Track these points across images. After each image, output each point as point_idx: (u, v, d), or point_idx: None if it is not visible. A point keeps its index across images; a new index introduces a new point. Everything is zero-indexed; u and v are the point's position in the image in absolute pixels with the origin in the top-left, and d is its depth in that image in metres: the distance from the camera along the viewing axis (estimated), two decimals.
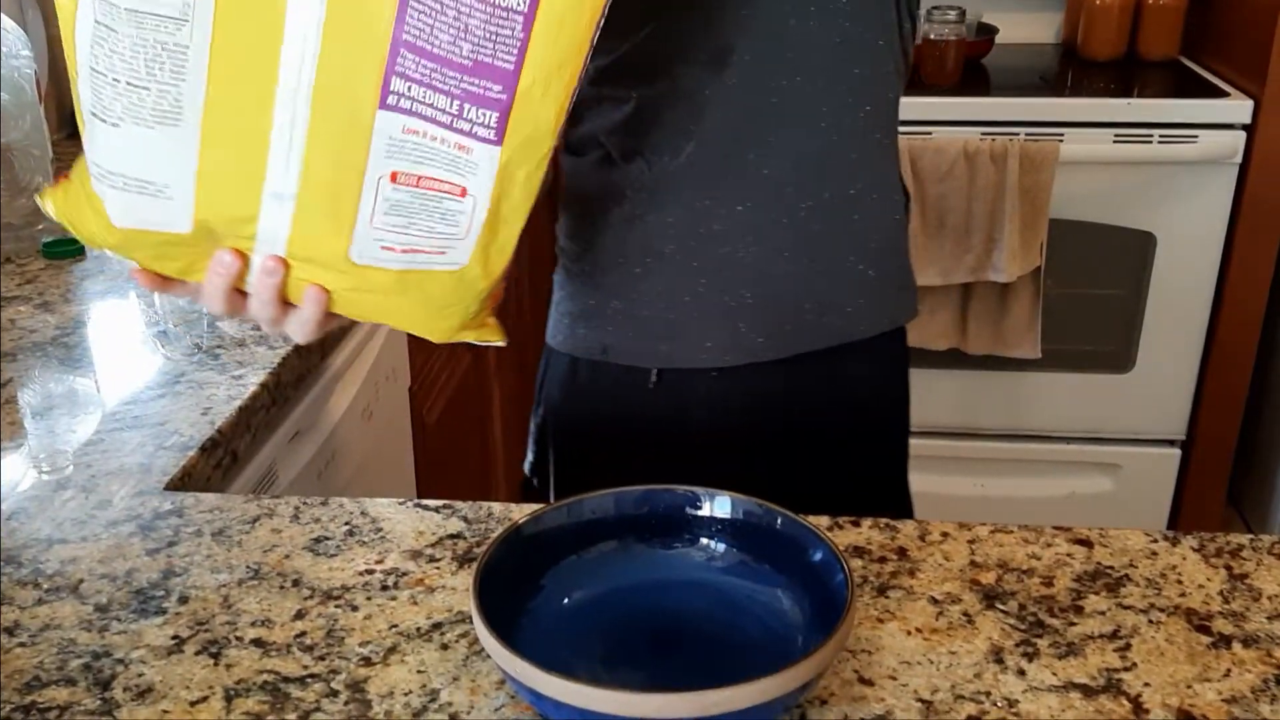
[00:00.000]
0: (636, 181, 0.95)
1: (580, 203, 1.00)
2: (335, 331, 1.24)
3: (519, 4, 0.64)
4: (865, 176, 0.97)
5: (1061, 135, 2.01)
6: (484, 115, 0.66)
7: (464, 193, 0.68)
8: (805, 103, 0.92)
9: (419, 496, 1.18)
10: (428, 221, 0.69)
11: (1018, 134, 2.01)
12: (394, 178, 0.68)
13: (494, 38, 0.64)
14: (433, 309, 0.74)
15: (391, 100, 0.66)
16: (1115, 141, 2.01)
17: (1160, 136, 2.01)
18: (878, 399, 1.06)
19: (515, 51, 0.65)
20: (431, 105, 0.66)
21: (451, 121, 0.66)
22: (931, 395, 2.23)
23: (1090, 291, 2.16)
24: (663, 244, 0.95)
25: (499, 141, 0.67)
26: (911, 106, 2.05)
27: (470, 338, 0.76)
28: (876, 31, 0.93)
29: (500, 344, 0.76)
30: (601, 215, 0.98)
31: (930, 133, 2.01)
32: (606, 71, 0.92)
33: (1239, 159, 2.02)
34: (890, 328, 1.03)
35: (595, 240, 0.99)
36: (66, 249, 1.34)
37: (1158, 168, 2.03)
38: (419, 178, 0.68)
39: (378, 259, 0.70)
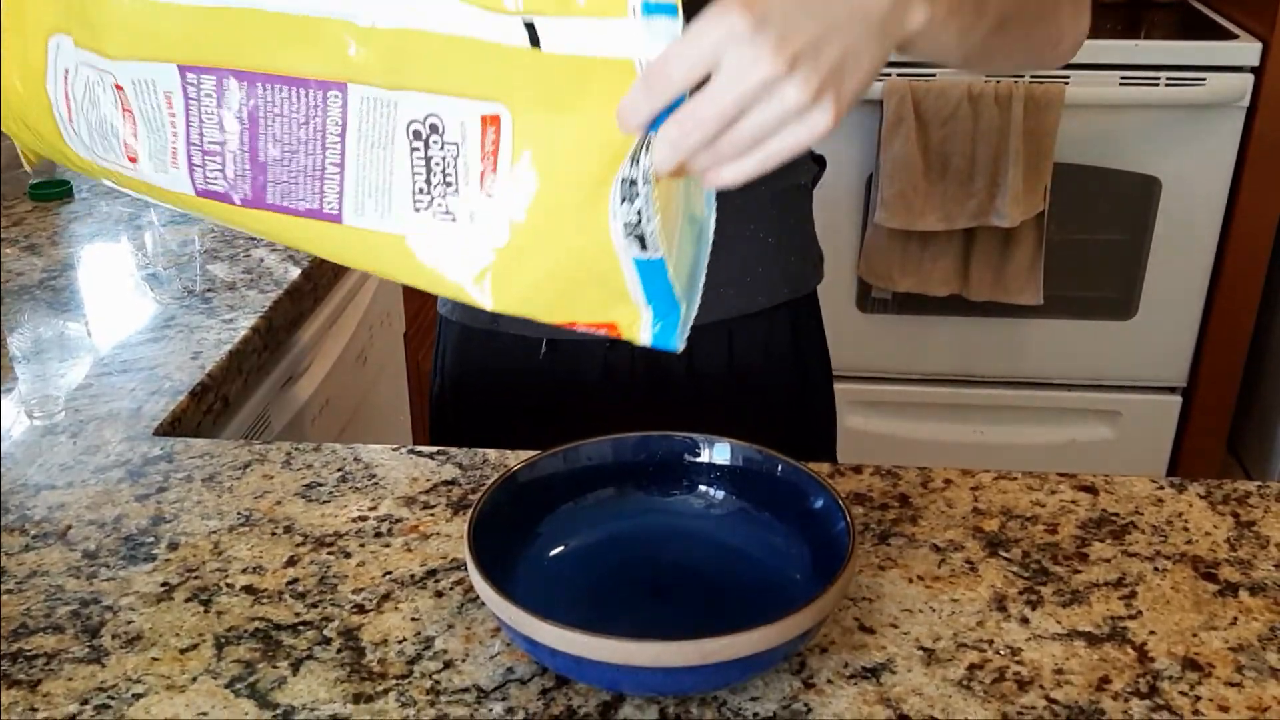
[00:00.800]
0: None
1: None
2: (329, 274, 1.22)
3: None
4: None
5: (1067, 78, 1.97)
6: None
7: None
8: None
9: (415, 443, 1.17)
10: None
11: (1023, 76, 1.97)
12: None
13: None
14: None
15: None
16: (1121, 84, 1.98)
17: (1167, 79, 1.97)
18: (781, 369, 1.00)
19: None
20: None
21: None
22: (932, 342, 2.21)
23: (1093, 237, 2.14)
24: None
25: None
26: None
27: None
28: None
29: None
30: None
31: (934, 74, 1.98)
32: None
33: (1246, 102, 1.99)
34: (790, 297, 0.98)
35: None
36: (53, 190, 1.31)
37: (1164, 111, 2.00)
38: None
39: None
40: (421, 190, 0.58)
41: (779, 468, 0.69)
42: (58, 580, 0.70)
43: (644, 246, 0.54)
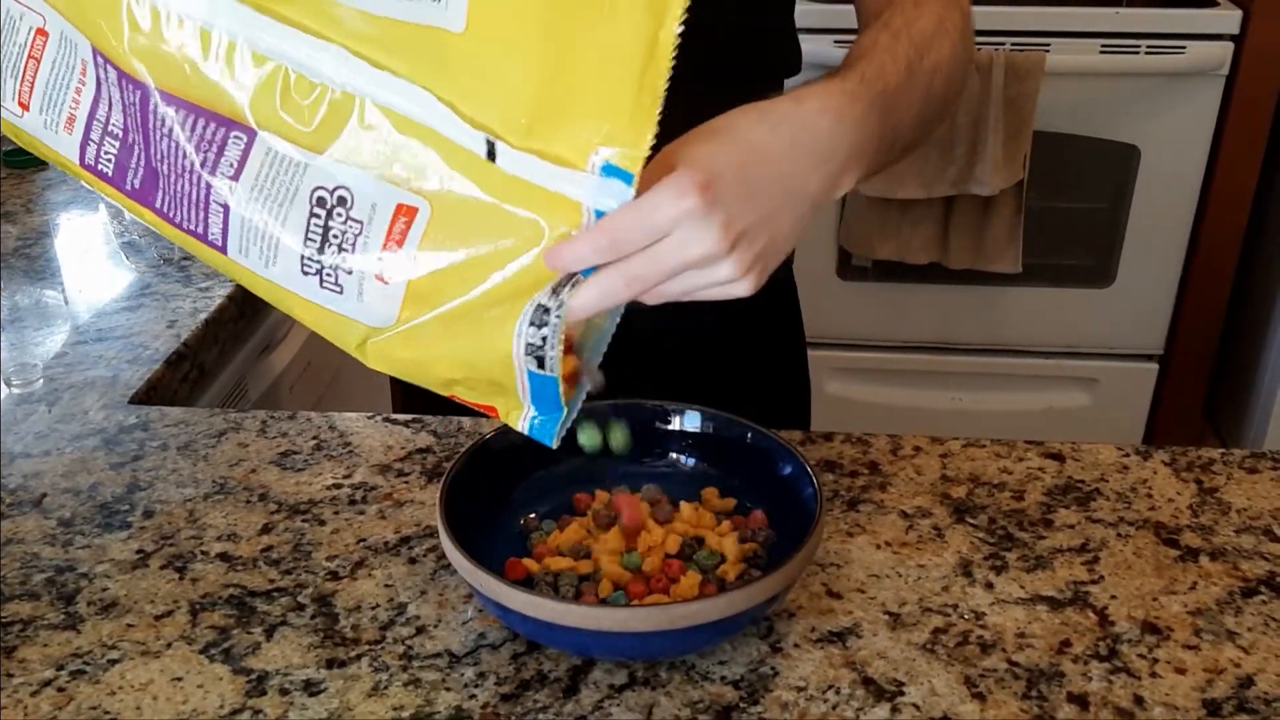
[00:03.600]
0: None
1: None
2: None
3: None
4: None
5: (1048, 45, 1.97)
6: None
7: None
8: None
9: (394, 411, 1.17)
10: None
11: (1003, 44, 1.97)
12: None
13: None
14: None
15: None
16: (1102, 52, 1.98)
17: (1148, 47, 1.97)
18: (744, 354, 1.00)
19: None
20: None
21: None
22: (911, 309, 2.22)
23: (1072, 205, 2.14)
24: None
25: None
26: None
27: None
28: None
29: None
30: None
31: None
32: None
33: (1226, 71, 1.99)
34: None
35: None
36: (29, 158, 1.31)
37: (1144, 79, 2.01)
38: None
39: None
40: (310, 258, 0.57)
41: (748, 435, 0.70)
42: (33, 548, 0.70)
43: (541, 366, 0.55)
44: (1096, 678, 0.60)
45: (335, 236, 0.56)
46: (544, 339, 0.54)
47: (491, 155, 0.54)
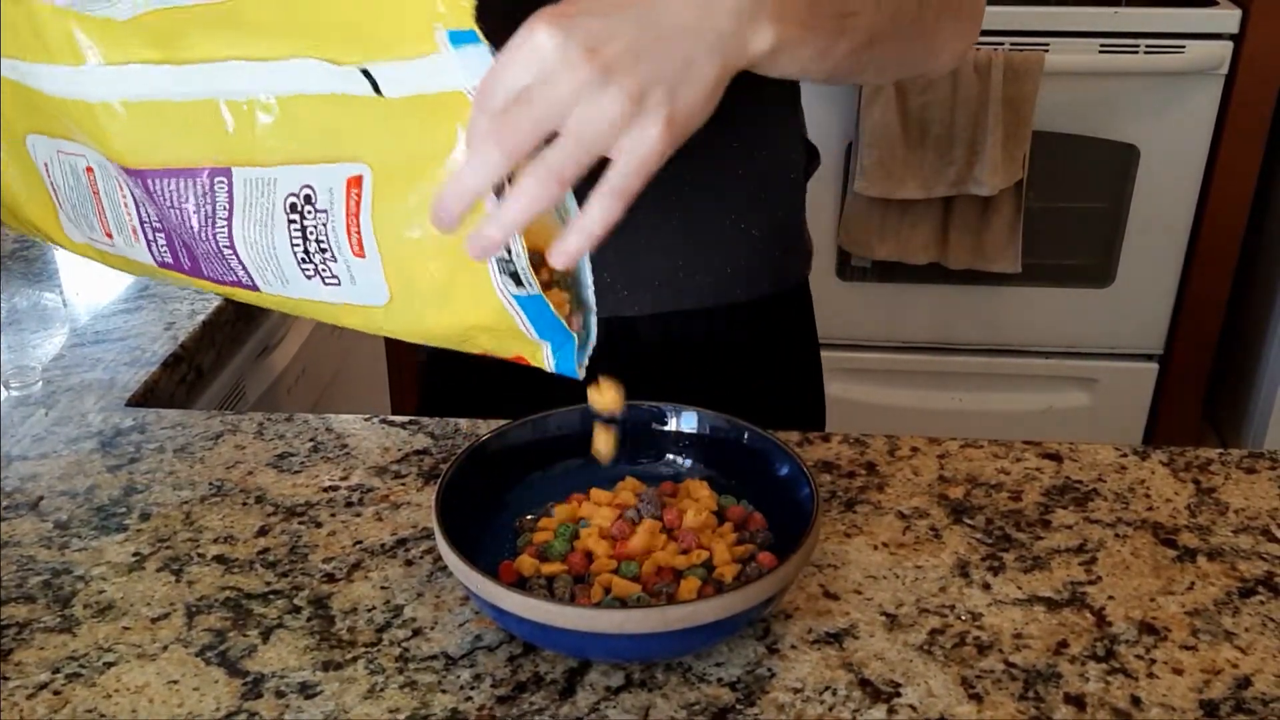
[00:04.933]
0: None
1: None
2: None
3: None
4: (753, 131, 0.90)
5: (1047, 45, 1.97)
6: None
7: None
8: None
9: (392, 412, 1.17)
10: None
11: (1002, 44, 1.97)
12: None
13: None
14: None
15: None
16: (1101, 51, 1.98)
17: (1147, 46, 1.97)
18: (762, 357, 0.98)
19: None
20: None
21: None
22: (911, 310, 2.22)
23: (1072, 205, 2.14)
24: None
25: None
26: None
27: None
28: None
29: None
30: None
31: None
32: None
33: (1225, 70, 1.99)
34: (773, 290, 0.96)
35: None
36: None
37: (1143, 79, 2.01)
38: None
39: None
40: (304, 260, 0.60)
41: (745, 435, 0.70)
42: (29, 551, 0.70)
43: (519, 283, 0.55)
44: (1094, 678, 0.60)
45: (312, 233, 0.58)
46: (508, 250, 0.54)
47: (375, 87, 0.55)
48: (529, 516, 0.69)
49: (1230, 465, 0.78)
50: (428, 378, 1.06)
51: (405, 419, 0.83)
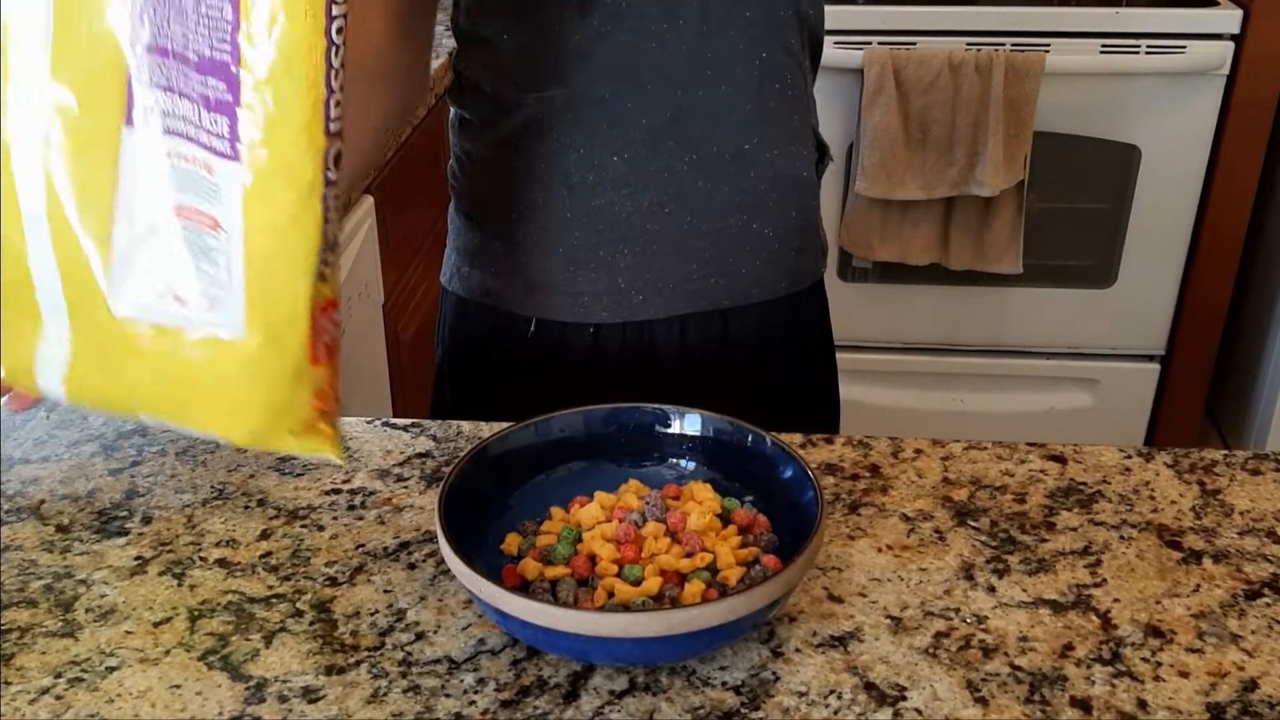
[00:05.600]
0: (510, 126, 0.91)
1: (462, 143, 0.97)
2: None
3: None
4: (763, 130, 0.91)
5: (1048, 46, 1.97)
6: (217, 123, 0.55)
7: (215, 224, 0.58)
8: (688, 49, 0.86)
9: (395, 415, 1.17)
10: (192, 260, 0.59)
11: (1003, 44, 1.97)
12: (148, 207, 0.60)
13: (205, 18, 0.54)
14: (224, 397, 0.62)
15: (138, 116, 0.57)
16: (1102, 52, 1.98)
17: (1148, 47, 1.97)
18: (777, 358, 0.99)
19: (227, 40, 0.53)
20: (179, 116, 0.57)
21: (196, 134, 0.56)
22: (912, 310, 2.22)
23: (1073, 206, 2.14)
24: (535, 192, 0.91)
25: (234, 156, 0.56)
26: (896, 16, 2.01)
27: (292, 447, 0.62)
28: None
29: (336, 461, 0.63)
30: (480, 158, 0.95)
31: (914, 43, 1.98)
32: (481, 6, 0.88)
33: (1226, 70, 1.99)
34: (789, 291, 0.97)
35: (476, 181, 0.96)
36: None
37: (1144, 79, 2.00)
38: (176, 207, 0.59)
39: (142, 309, 0.62)
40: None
41: (749, 438, 0.70)
42: (31, 555, 0.70)
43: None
44: (1099, 681, 0.60)
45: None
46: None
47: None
48: (533, 521, 0.69)
49: (1235, 467, 0.78)
50: (437, 389, 1.06)
51: (408, 422, 0.83)
